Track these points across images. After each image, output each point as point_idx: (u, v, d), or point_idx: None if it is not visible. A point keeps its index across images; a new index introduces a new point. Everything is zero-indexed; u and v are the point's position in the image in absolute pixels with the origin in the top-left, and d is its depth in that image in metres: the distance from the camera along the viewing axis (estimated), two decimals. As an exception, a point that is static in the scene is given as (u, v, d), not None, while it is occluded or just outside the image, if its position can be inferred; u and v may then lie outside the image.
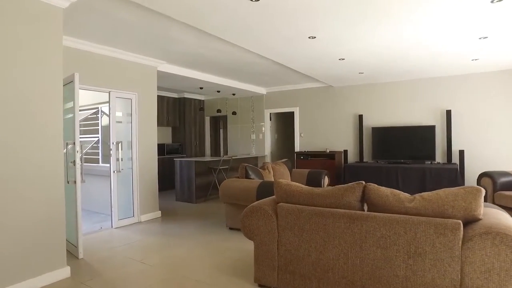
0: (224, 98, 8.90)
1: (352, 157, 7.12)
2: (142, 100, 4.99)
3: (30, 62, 2.69)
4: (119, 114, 4.69)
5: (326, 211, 2.36)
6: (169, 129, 8.92)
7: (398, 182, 5.73)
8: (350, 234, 2.26)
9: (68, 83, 3.47)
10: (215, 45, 4.41)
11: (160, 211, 5.30)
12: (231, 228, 4.45)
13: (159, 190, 7.81)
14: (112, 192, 4.53)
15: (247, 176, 4.36)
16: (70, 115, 3.42)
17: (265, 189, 3.94)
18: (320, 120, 7.50)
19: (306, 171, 5.57)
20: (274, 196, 3.05)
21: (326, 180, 5.44)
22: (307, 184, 5.46)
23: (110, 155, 4.53)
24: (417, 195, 2.22)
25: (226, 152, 9.91)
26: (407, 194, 2.29)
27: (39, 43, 2.74)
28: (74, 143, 3.29)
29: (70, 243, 3.53)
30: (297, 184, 2.65)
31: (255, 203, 2.70)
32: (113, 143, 4.54)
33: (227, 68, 5.85)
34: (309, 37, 3.85)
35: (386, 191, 2.31)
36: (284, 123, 9.23)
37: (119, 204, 4.64)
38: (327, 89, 7.39)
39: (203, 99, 9.27)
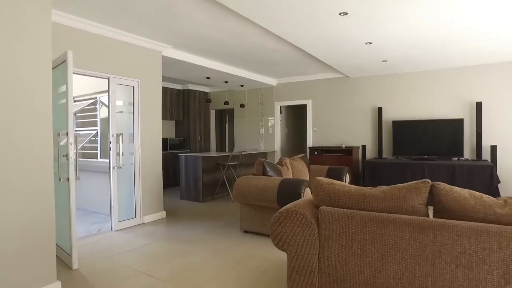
0: (231, 91, 8.38)
1: (369, 153, 6.62)
2: (145, 88, 4.48)
3: (9, 37, 2.17)
4: (119, 103, 4.18)
5: (385, 217, 1.86)
6: (172, 123, 8.40)
7: (425, 180, 5.23)
8: (418, 247, 1.76)
9: (60, 64, 2.96)
10: (228, 26, 3.89)
11: (164, 211, 4.80)
12: (246, 232, 3.95)
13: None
14: (111, 191, 4.03)
15: (264, 173, 3.86)
16: (63, 101, 2.91)
17: (288, 188, 3.44)
18: (335, 113, 6.99)
19: (325, 167, 5.07)
20: (308, 198, 2.53)
21: (347, 178, 4.94)
22: (327, 182, 4.95)
23: (109, 149, 4.02)
24: (507, 198, 1.72)
25: (231, 148, 9.41)
26: (490, 196, 1.78)
27: (20, 12, 2.22)
28: (67, 134, 2.78)
29: (63, 250, 3.03)
30: (341, 183, 2.15)
31: (288, 206, 2.20)
32: (113, 136, 4.03)
33: (237, 56, 5.33)
34: (340, 14, 3.34)
35: (463, 192, 1.81)
36: (294, 117, 8.72)
37: (120, 204, 4.14)
38: (343, 80, 6.88)
39: (208, 91, 8.75)
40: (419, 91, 6.12)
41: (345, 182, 4.92)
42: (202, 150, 8.53)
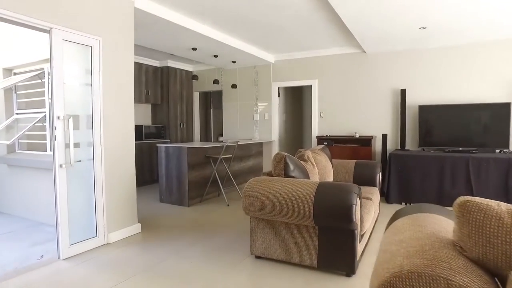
0: (220, 69, 7.05)
1: (389, 144, 5.56)
2: (111, 51, 3.12)
3: None
4: (70, 70, 2.81)
5: None
6: (148, 107, 6.99)
7: (470, 178, 4.21)
8: None
9: None
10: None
11: (139, 224, 3.51)
12: (259, 257, 2.76)
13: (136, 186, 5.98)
14: (58, 200, 2.69)
15: (287, 173, 2.66)
16: None
17: (331, 198, 2.26)
18: (347, 96, 5.85)
19: (350, 163, 3.94)
20: (436, 231, 1.34)
21: (380, 176, 3.83)
22: (355, 181, 3.83)
23: (53, 138, 2.67)
24: None
25: (217, 137, 8.14)
26: None
27: None
28: None
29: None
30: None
31: (414, 262, 1.01)
32: (58, 118, 2.68)
33: (234, 16, 4.04)
34: None
35: None
36: (294, 101, 7.52)
37: (72, 219, 2.81)
38: (357, 56, 5.73)
39: (192, 69, 7.37)
40: (453, 70, 5.07)
41: (378, 182, 3.81)
42: (184, 140, 7.20)
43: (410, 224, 1.39)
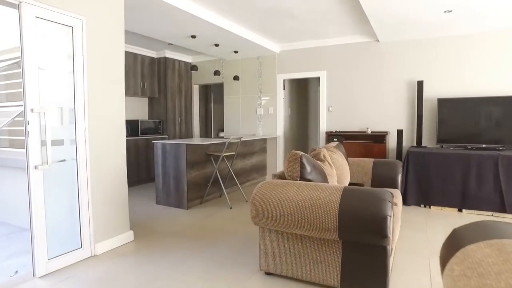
0: (221, 60, 6.61)
1: (403, 141, 5.15)
2: (96, 33, 2.69)
3: None
4: (49, 55, 2.39)
5: None
6: (145, 101, 6.57)
7: (499, 179, 3.81)
8: None
9: None
10: None
11: (131, 232, 3.11)
12: (269, 274, 2.36)
13: (129, 185, 5.59)
14: (32, 207, 2.28)
15: (302, 176, 2.25)
16: None
17: (359, 207, 1.86)
18: (357, 89, 5.43)
19: (368, 161, 3.53)
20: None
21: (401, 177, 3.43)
22: (374, 182, 3.43)
23: (26, 134, 2.25)
24: None
25: (217, 133, 7.73)
26: None
27: None
28: None
29: None
30: None
31: None
32: (32, 111, 2.26)
33: (240, -4, 3.62)
34: None
35: None
36: (299, 94, 7.10)
37: (51, 228, 2.41)
38: (370, 45, 5.30)
39: (191, 61, 6.94)
40: (477, 60, 4.65)
41: (399, 183, 3.41)
42: (183, 136, 6.79)
43: (502, 260, 0.98)
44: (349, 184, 3.45)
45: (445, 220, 3.72)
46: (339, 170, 2.96)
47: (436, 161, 4.15)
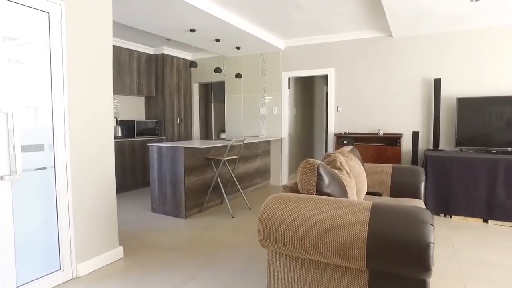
0: (222, 57, 6.26)
1: (419, 143, 4.79)
2: (78, 21, 2.34)
3: None
4: (20, 45, 2.04)
5: None
6: (141, 100, 6.22)
7: (530, 186, 3.44)
8: None
9: None
10: None
11: (121, 248, 2.75)
12: (279, 304, 2.00)
13: (124, 190, 5.21)
14: None
15: (319, 188, 1.89)
16: None
17: (390, 229, 1.50)
18: (368, 87, 5.06)
19: (387, 167, 3.16)
20: None
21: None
22: (394, 191, 3.06)
23: (-11, 138, 1.90)
24: None
25: (218, 134, 7.37)
26: None
27: None
28: None
29: None
30: None
31: None
32: (-3, 110, 1.90)
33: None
34: None
35: None
36: (304, 93, 6.73)
37: (23, 248, 2.06)
38: (382, 41, 4.93)
39: (190, 58, 6.58)
40: (500, 55, 4.28)
41: (422, 192, 3.04)
42: (182, 137, 6.44)
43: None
44: (366, 193, 3.09)
45: (470, 232, 3.35)
46: (357, 179, 2.60)
47: (458, 166, 3.78)
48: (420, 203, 2.78)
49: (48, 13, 2.14)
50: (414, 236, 1.47)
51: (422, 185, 2.99)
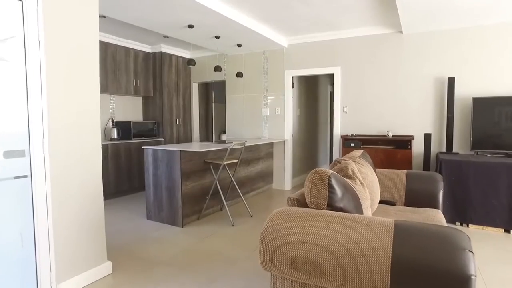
0: (222, 55, 6.00)
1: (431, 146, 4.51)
2: (59, 12, 2.09)
3: None
4: (-12, 37, 1.79)
5: None
6: (139, 100, 5.97)
7: (555, 194, 3.17)
8: None
9: None
10: None
11: (109, 263, 2.50)
12: (284, 335, 1.74)
13: (119, 195, 4.94)
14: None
15: (331, 203, 1.63)
16: None
17: (419, 256, 1.24)
18: (377, 87, 4.80)
19: (400, 174, 2.90)
20: None
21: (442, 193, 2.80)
22: (409, 200, 2.80)
23: (-50, 144, 1.65)
24: None
25: (219, 135, 7.12)
26: None
27: None
28: None
29: None
30: None
31: None
32: (-40, 112, 1.65)
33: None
34: None
35: None
36: (308, 92, 6.47)
37: (-6, 269, 1.81)
38: (391, 37, 4.66)
39: (189, 56, 6.33)
40: (518, 52, 4.01)
41: (440, 201, 2.77)
42: (181, 138, 6.19)
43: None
44: (379, 202, 2.83)
45: (491, 243, 3.08)
46: (370, 188, 2.33)
47: (476, 171, 3.50)
48: (438, 214, 2.52)
49: (22, 1, 1.89)
50: (450, 266, 1.21)
51: (441, 193, 2.72)
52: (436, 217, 2.43)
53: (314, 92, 6.73)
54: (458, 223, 3.63)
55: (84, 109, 2.27)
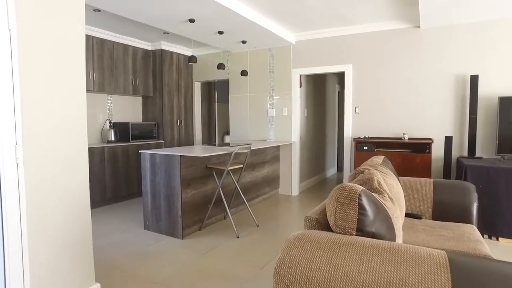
0: (226, 53, 5.70)
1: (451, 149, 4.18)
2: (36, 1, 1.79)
3: None
4: None
5: None
6: (138, 100, 5.68)
7: None
8: None
9: None
10: None
11: (98, 285, 2.19)
12: None
13: (116, 201, 4.56)
14: None
15: (361, 227, 1.31)
16: None
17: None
18: (391, 85, 4.47)
19: (427, 183, 2.57)
20: None
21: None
22: (436, 213, 2.47)
23: None
24: None
25: (222, 137, 6.82)
26: None
27: None
28: None
29: None
30: None
31: None
32: None
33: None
34: None
35: None
36: (315, 92, 6.15)
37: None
38: (408, 33, 4.33)
39: (191, 53, 6.04)
40: (550, 47, 3.66)
41: (474, 215, 2.44)
42: (182, 141, 5.89)
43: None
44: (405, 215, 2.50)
45: (527, 261, 2.74)
46: (396, 199, 2.01)
47: (507, 178, 3.17)
48: (474, 231, 2.19)
49: (-11, -18, 1.59)
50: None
51: (475, 206, 2.39)
52: (473, 234, 2.10)
53: (321, 91, 6.40)
54: (486, 236, 3.29)
55: (68, 110, 1.97)
